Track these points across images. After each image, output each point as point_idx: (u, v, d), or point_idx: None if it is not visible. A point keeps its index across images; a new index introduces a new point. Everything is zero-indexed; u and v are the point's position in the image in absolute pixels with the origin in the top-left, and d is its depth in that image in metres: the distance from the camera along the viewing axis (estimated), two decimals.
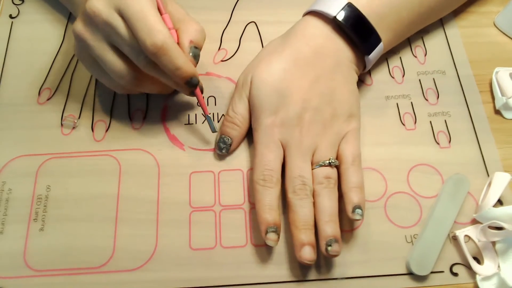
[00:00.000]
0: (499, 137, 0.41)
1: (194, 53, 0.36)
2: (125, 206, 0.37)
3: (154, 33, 0.31)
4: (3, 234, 0.36)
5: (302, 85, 0.37)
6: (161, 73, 0.35)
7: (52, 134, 0.40)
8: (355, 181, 0.35)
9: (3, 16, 0.46)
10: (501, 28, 0.47)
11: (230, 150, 0.39)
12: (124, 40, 0.33)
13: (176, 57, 0.33)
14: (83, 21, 0.34)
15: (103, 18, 0.32)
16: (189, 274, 0.35)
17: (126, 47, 0.33)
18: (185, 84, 0.35)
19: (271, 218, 0.35)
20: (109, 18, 0.32)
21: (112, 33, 0.33)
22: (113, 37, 0.33)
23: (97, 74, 0.37)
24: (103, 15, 0.32)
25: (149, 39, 0.31)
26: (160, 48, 0.32)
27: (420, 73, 0.44)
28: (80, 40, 0.34)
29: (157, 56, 0.32)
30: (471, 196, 0.38)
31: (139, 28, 0.31)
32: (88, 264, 0.35)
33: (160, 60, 0.32)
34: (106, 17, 0.32)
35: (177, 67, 0.33)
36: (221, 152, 0.39)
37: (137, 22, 0.31)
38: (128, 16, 0.32)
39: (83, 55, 0.36)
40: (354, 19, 0.37)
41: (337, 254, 0.33)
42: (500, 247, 0.36)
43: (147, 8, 0.32)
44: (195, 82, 0.35)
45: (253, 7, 0.47)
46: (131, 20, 0.32)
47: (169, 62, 0.33)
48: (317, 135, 0.37)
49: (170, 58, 0.32)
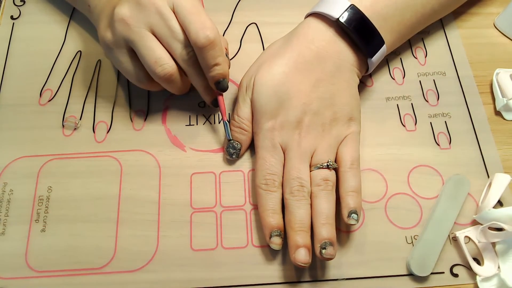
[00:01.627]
0: (499, 138, 0.41)
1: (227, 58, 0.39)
2: (126, 207, 0.37)
3: (208, 27, 0.34)
4: (5, 235, 0.36)
5: (302, 89, 0.37)
6: (197, 71, 0.36)
7: (54, 135, 0.40)
8: (352, 185, 0.35)
9: (5, 17, 0.46)
10: (501, 29, 0.47)
11: (240, 155, 0.39)
12: (172, 33, 0.34)
13: (219, 55, 0.35)
14: (130, 6, 0.34)
15: (157, 7, 0.34)
16: (190, 275, 0.35)
17: (172, 39, 0.34)
18: (215, 84, 0.36)
19: (274, 222, 0.35)
20: (162, 8, 0.34)
21: (162, 23, 0.34)
22: (161, 28, 0.34)
23: (126, 66, 0.37)
24: (158, 5, 0.34)
25: (202, 32, 0.33)
26: (212, 42, 0.34)
27: (421, 74, 0.44)
28: (123, 24, 0.34)
29: (205, 50, 0.34)
30: (471, 197, 0.38)
31: (193, 21, 0.33)
32: (90, 265, 0.35)
33: (205, 54, 0.34)
34: (160, 6, 0.34)
35: (217, 63, 0.35)
36: (231, 158, 0.39)
37: (191, 16, 0.34)
38: (181, 10, 0.34)
39: (119, 41, 0.35)
40: (357, 22, 0.37)
41: (332, 257, 0.33)
42: (500, 248, 0.36)
43: (200, 6, 0.35)
44: (225, 84, 0.37)
45: (254, 8, 0.47)
46: (184, 14, 0.34)
47: (213, 57, 0.35)
48: (316, 138, 0.37)
49: (215, 53, 0.34)
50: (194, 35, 0.33)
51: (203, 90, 0.38)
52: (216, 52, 0.34)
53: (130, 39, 0.35)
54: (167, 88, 0.38)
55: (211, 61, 0.35)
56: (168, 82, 0.36)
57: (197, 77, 0.37)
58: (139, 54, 0.35)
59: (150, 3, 0.34)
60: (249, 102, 0.38)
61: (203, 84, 0.37)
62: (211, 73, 0.36)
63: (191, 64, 0.36)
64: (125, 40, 0.35)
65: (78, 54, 0.44)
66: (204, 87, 0.38)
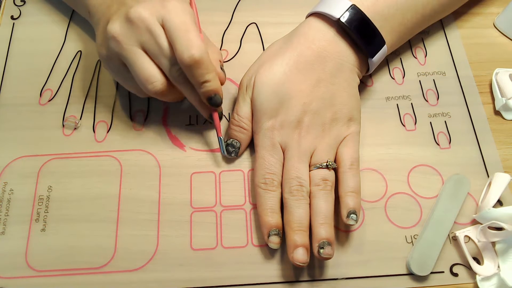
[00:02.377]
0: (499, 138, 0.41)
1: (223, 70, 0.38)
2: (126, 206, 0.37)
3: (193, 47, 0.32)
4: (5, 234, 0.36)
5: (302, 89, 0.37)
6: (188, 87, 0.35)
7: (54, 135, 0.40)
8: (352, 186, 0.35)
9: (5, 17, 0.46)
10: (501, 29, 0.47)
11: (239, 153, 0.39)
12: (161, 50, 0.33)
13: (207, 72, 0.34)
14: (121, 23, 0.34)
15: (147, 24, 0.33)
16: (190, 274, 0.35)
17: (161, 57, 0.34)
18: (208, 100, 0.36)
19: (273, 221, 0.35)
20: (152, 25, 0.33)
21: (152, 41, 0.33)
22: (150, 45, 0.34)
23: (122, 79, 0.37)
24: (147, 22, 0.33)
25: (187, 51, 0.32)
26: (197, 61, 0.33)
27: (420, 74, 0.44)
28: (115, 41, 0.34)
29: (191, 69, 0.33)
30: (471, 197, 0.38)
31: (180, 39, 0.32)
32: (90, 264, 0.35)
33: (192, 72, 0.33)
34: (149, 24, 0.33)
35: (207, 80, 0.34)
36: (230, 156, 0.39)
37: (178, 33, 0.33)
38: (170, 27, 0.33)
39: (113, 57, 0.35)
40: (358, 22, 0.37)
41: (330, 257, 0.33)
42: (500, 248, 0.36)
43: (190, 23, 0.33)
44: (218, 100, 0.36)
45: (254, 8, 0.47)
46: (173, 31, 0.33)
47: (201, 75, 0.34)
48: (315, 138, 0.37)
49: (202, 71, 0.34)
50: (180, 54, 0.32)
51: (198, 105, 0.37)
52: (203, 70, 0.33)
53: (122, 56, 0.34)
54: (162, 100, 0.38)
55: (199, 79, 0.34)
56: (161, 97, 0.37)
57: (190, 93, 0.36)
58: (131, 70, 0.35)
59: (139, 20, 0.33)
60: (249, 102, 0.38)
61: (196, 99, 0.37)
62: (201, 90, 0.35)
63: (181, 81, 0.35)
64: (118, 57, 0.35)
65: (78, 54, 0.44)
66: (198, 102, 0.37)
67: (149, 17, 0.33)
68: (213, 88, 0.35)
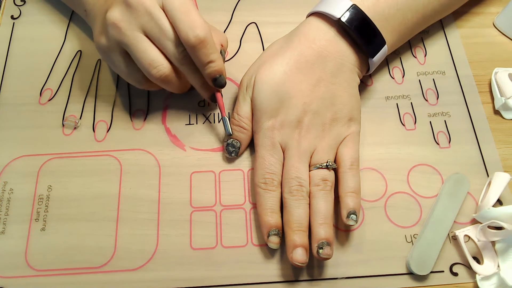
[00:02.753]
0: (498, 137, 0.41)
1: (222, 55, 0.38)
2: (126, 206, 0.37)
3: (197, 27, 0.33)
4: (5, 234, 0.36)
5: (303, 88, 0.37)
6: (192, 69, 0.36)
7: (54, 134, 0.40)
8: (352, 186, 0.35)
9: (5, 17, 0.46)
10: (501, 29, 0.47)
11: (239, 153, 0.39)
12: (164, 32, 0.34)
13: (212, 52, 0.34)
14: (120, 9, 0.34)
15: (146, 7, 0.33)
16: (190, 274, 0.35)
17: (164, 39, 0.34)
18: (213, 81, 0.36)
19: (273, 221, 0.35)
20: (152, 8, 0.33)
21: (153, 24, 0.33)
22: (152, 28, 0.34)
23: (123, 68, 0.36)
24: (147, 5, 0.33)
25: (192, 31, 0.33)
26: (202, 41, 0.33)
27: (420, 74, 0.44)
28: (115, 28, 0.34)
29: (196, 49, 0.33)
30: (470, 196, 0.38)
31: (183, 20, 0.33)
32: (89, 263, 0.35)
33: (197, 53, 0.34)
34: (149, 7, 0.33)
35: (211, 60, 0.34)
36: (230, 156, 0.39)
37: (180, 14, 0.33)
38: (171, 9, 0.33)
39: (113, 46, 0.35)
40: (359, 21, 0.37)
41: (329, 257, 0.33)
42: (500, 247, 0.36)
43: (190, 3, 0.33)
44: (223, 80, 0.36)
45: (254, 7, 0.47)
46: (174, 12, 0.33)
47: (206, 55, 0.34)
48: (315, 138, 0.37)
49: (207, 51, 0.34)
50: (184, 35, 0.33)
51: (200, 87, 0.38)
52: (208, 50, 0.34)
53: (123, 43, 0.34)
54: (166, 88, 0.38)
55: (204, 59, 0.34)
56: (165, 83, 0.36)
57: (193, 75, 0.36)
58: (134, 57, 0.35)
59: (139, 3, 0.33)
60: (249, 101, 0.38)
61: (200, 81, 0.37)
62: (206, 70, 0.35)
63: (185, 62, 0.35)
64: (119, 44, 0.35)
65: (78, 53, 0.44)
66: (201, 84, 0.37)
67: (149, 0, 0.33)
68: (218, 69, 0.35)
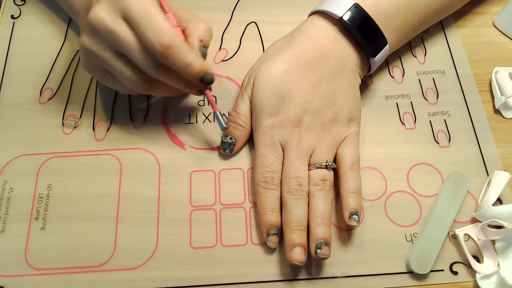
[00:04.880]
0: (498, 136, 0.41)
1: (203, 52, 0.35)
2: (126, 205, 0.37)
3: (162, 33, 0.31)
4: (5, 232, 0.36)
5: (303, 87, 0.37)
6: (170, 77, 0.34)
7: (54, 134, 0.40)
8: (353, 186, 0.35)
9: (5, 17, 0.46)
10: (501, 28, 0.47)
11: (235, 150, 0.39)
12: (131, 46, 0.32)
13: (185, 54, 0.32)
14: (88, 32, 0.33)
15: (108, 26, 0.32)
16: (189, 273, 0.35)
17: (133, 53, 0.32)
18: (200, 81, 0.34)
19: (273, 220, 0.35)
20: (113, 25, 0.32)
21: (118, 40, 0.32)
22: (119, 45, 0.32)
23: (110, 83, 0.37)
24: (108, 23, 0.32)
25: (156, 39, 0.31)
26: (169, 47, 0.31)
27: (420, 73, 0.44)
28: (89, 52, 0.33)
29: (167, 56, 0.31)
30: (470, 195, 0.38)
31: (146, 29, 0.31)
32: (89, 262, 0.35)
33: (169, 59, 0.32)
34: (110, 24, 0.32)
35: (188, 63, 0.32)
36: (225, 152, 0.39)
37: (142, 24, 0.31)
38: (132, 19, 0.31)
39: (92, 67, 0.35)
40: (361, 21, 0.37)
41: (326, 257, 0.33)
42: (500, 246, 0.36)
43: (150, 8, 0.31)
44: (210, 78, 0.34)
45: (254, 7, 0.47)
46: (136, 23, 0.31)
47: (179, 60, 0.32)
48: (315, 137, 0.37)
49: (179, 56, 0.32)
50: (150, 45, 0.31)
51: (185, 88, 0.36)
52: (180, 53, 0.32)
53: (101, 64, 0.34)
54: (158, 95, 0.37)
55: (180, 64, 0.32)
56: (152, 93, 0.36)
57: (173, 80, 0.34)
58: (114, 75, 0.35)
59: (98, 23, 0.32)
60: (248, 100, 0.38)
61: (182, 83, 0.35)
62: (188, 74, 0.33)
63: (160, 72, 0.33)
64: (98, 66, 0.35)
65: (78, 53, 0.44)
66: (184, 84, 0.35)
67: (107, 17, 0.32)
68: (199, 69, 0.33)
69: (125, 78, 0.34)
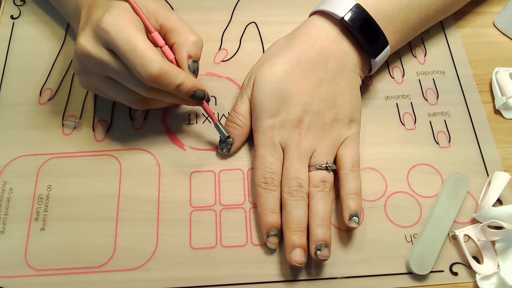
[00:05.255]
0: (498, 136, 0.41)
1: (193, 67, 0.35)
2: (126, 205, 0.37)
3: (148, 64, 0.31)
4: (4, 233, 0.36)
5: (304, 88, 0.37)
6: (164, 95, 0.34)
7: (53, 134, 0.40)
8: (353, 188, 0.35)
9: (5, 17, 0.46)
10: (501, 28, 0.47)
11: (232, 150, 0.39)
12: (120, 74, 0.33)
13: (175, 78, 0.32)
14: (78, 59, 0.34)
15: (94, 57, 0.32)
16: (189, 274, 0.35)
17: (123, 79, 0.33)
18: (191, 98, 0.34)
19: (273, 221, 0.35)
20: (99, 56, 0.32)
21: (107, 69, 0.33)
22: (108, 72, 0.33)
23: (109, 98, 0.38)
24: (93, 54, 0.32)
25: (143, 71, 0.31)
26: (158, 76, 0.31)
27: (420, 73, 0.44)
28: (81, 76, 0.35)
29: (156, 83, 0.32)
30: (470, 196, 0.38)
31: (132, 60, 0.31)
32: (89, 263, 0.35)
33: (159, 86, 0.32)
34: (96, 55, 0.32)
35: (179, 84, 0.33)
36: (222, 152, 0.39)
37: (127, 56, 0.31)
38: (117, 50, 0.31)
39: (88, 86, 0.37)
40: (362, 21, 0.36)
41: (326, 258, 0.33)
42: (500, 247, 0.36)
43: (134, 36, 0.31)
44: (201, 95, 0.34)
45: (254, 7, 0.47)
46: (121, 54, 0.31)
47: (170, 83, 0.32)
48: (316, 138, 0.37)
49: (168, 81, 0.32)
50: (138, 75, 0.31)
51: (181, 102, 0.37)
52: (169, 78, 0.32)
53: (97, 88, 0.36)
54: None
55: (171, 87, 0.32)
56: (150, 107, 0.38)
57: (168, 97, 0.35)
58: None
59: (85, 55, 0.32)
60: (247, 100, 0.38)
61: (177, 98, 0.35)
62: (179, 93, 0.33)
63: (154, 93, 0.34)
64: (93, 86, 0.36)
65: None
66: (180, 99, 0.36)
67: (93, 48, 0.32)
68: (189, 88, 0.33)
69: (120, 99, 0.36)
